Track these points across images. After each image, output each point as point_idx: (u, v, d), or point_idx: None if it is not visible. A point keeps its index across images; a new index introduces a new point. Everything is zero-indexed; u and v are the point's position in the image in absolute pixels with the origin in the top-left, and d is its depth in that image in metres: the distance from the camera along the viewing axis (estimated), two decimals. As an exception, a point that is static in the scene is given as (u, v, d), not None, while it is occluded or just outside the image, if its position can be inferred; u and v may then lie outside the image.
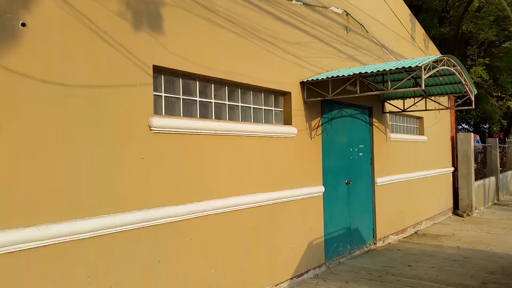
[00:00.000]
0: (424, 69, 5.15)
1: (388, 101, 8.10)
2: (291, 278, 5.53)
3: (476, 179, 12.22)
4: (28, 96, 3.02)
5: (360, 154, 7.39)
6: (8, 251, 2.87)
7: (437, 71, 5.61)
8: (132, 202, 3.66)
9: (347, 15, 7.03)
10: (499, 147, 14.94)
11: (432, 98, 7.89)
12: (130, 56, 3.71)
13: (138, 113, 3.75)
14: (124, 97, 3.65)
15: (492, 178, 13.83)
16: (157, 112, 4.07)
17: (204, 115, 4.60)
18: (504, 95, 16.59)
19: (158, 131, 3.91)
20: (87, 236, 3.30)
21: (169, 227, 3.97)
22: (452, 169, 11.84)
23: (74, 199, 3.26)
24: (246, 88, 5.16)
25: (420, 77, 5.87)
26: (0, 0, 2.88)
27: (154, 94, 4.03)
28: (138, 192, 3.72)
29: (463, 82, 6.39)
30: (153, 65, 3.92)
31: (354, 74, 5.37)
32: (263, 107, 5.44)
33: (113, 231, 3.48)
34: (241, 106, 5.10)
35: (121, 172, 3.59)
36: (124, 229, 3.57)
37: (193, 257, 4.19)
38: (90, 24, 3.41)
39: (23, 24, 3.00)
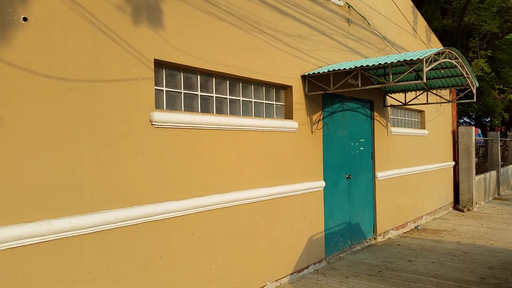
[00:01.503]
0: (426, 62, 5.11)
1: (389, 94, 8.07)
2: (292, 273, 5.56)
3: (477, 173, 12.22)
4: (30, 91, 3.00)
5: (361, 148, 7.38)
6: (10, 246, 2.88)
7: (439, 63, 5.57)
8: (133, 197, 3.66)
9: (349, 7, 6.97)
10: (501, 140, 14.91)
11: (434, 91, 7.85)
12: (132, 50, 3.68)
13: (139, 107, 3.73)
14: (126, 92, 3.63)
15: (493, 172, 13.82)
16: (158, 106, 4.05)
17: (205, 109, 4.58)
18: (506, 88, 16.52)
19: (159, 126, 3.89)
20: (88, 232, 3.30)
21: (170, 222, 3.97)
22: (453, 163, 11.83)
23: (76, 195, 3.26)
24: (247, 82, 5.13)
25: (421, 70, 5.84)
26: (0, -6, 2.85)
27: (155, 89, 4.01)
28: (140, 187, 3.72)
29: (465, 75, 6.35)
30: (154, 59, 3.90)
31: (356, 67, 5.33)
32: (264, 101, 5.41)
33: (114, 227, 3.48)
34: (242, 100, 5.07)
35: (123, 167, 3.58)
36: (126, 224, 3.57)
37: (194, 252, 4.20)
38: (91, 18, 3.38)
39: (25, 19, 2.98)
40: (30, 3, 3.01)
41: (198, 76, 4.50)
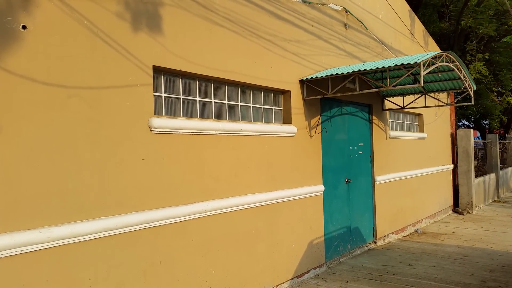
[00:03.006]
0: (423, 66, 5.14)
1: (387, 98, 8.09)
2: (292, 279, 5.55)
3: (476, 176, 12.23)
4: (29, 98, 3.01)
5: (360, 152, 7.39)
6: (10, 254, 2.88)
7: (437, 67, 5.60)
8: (133, 204, 3.66)
9: (346, 12, 7.01)
10: (499, 143, 14.93)
11: (432, 94, 7.88)
12: (130, 57, 3.70)
13: (138, 114, 3.75)
14: (125, 98, 3.64)
15: (492, 175, 13.83)
16: (157, 112, 4.07)
17: (204, 114, 4.59)
18: (504, 91, 16.58)
19: (158, 132, 3.90)
20: (88, 238, 3.30)
21: (170, 228, 3.97)
22: (452, 166, 11.84)
23: (75, 201, 3.26)
24: (245, 87, 5.15)
25: (419, 74, 5.87)
26: (1, 3, 2.87)
27: (154, 95, 4.03)
28: (139, 193, 3.72)
29: (462, 78, 6.38)
30: (153, 66, 3.91)
31: (354, 71, 5.36)
32: (263, 106, 5.43)
33: (114, 233, 3.48)
34: (240, 105, 5.09)
35: (122, 174, 3.59)
36: (125, 231, 3.57)
37: (194, 258, 4.20)
38: (90, 26, 3.40)
39: (24, 27, 3.00)
40: (30, 11, 3.03)
41: (197, 82, 4.52)
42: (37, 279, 3.01)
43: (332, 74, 5.53)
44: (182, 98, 4.36)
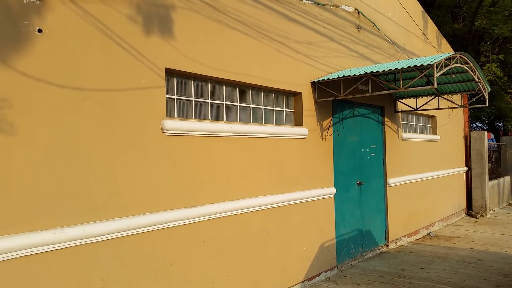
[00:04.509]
0: (437, 67, 5.09)
1: (400, 100, 8.02)
2: (303, 281, 5.53)
3: (490, 179, 12.04)
4: (44, 101, 3.06)
5: (372, 154, 7.34)
6: (25, 254, 2.92)
7: (450, 68, 5.54)
8: (145, 205, 3.69)
9: (358, 13, 6.97)
10: (514, 145, 14.65)
11: (445, 96, 7.79)
12: (143, 60, 3.73)
13: (151, 116, 3.78)
14: (138, 100, 3.67)
15: (507, 178, 13.60)
16: (169, 114, 4.09)
17: (216, 116, 4.61)
18: (519, 92, 16.28)
19: (170, 134, 3.93)
20: (101, 239, 3.34)
21: (182, 229, 3.99)
22: (466, 168, 11.68)
23: (89, 202, 3.29)
24: (257, 89, 5.16)
25: (432, 75, 5.81)
26: (18, 7, 2.92)
27: (167, 97, 4.05)
28: (151, 194, 3.75)
29: (476, 79, 6.30)
30: (166, 68, 3.94)
31: (366, 73, 5.33)
32: (274, 108, 5.43)
33: (126, 234, 3.51)
34: (252, 107, 5.09)
35: (134, 175, 3.62)
36: (137, 232, 3.60)
37: (205, 260, 4.21)
38: (104, 29, 3.44)
39: (40, 30, 3.04)
40: (45, 15, 3.08)
41: (209, 84, 4.54)
42: (50, 279, 3.05)
43: (344, 76, 5.50)
44: (194, 100, 4.38)
